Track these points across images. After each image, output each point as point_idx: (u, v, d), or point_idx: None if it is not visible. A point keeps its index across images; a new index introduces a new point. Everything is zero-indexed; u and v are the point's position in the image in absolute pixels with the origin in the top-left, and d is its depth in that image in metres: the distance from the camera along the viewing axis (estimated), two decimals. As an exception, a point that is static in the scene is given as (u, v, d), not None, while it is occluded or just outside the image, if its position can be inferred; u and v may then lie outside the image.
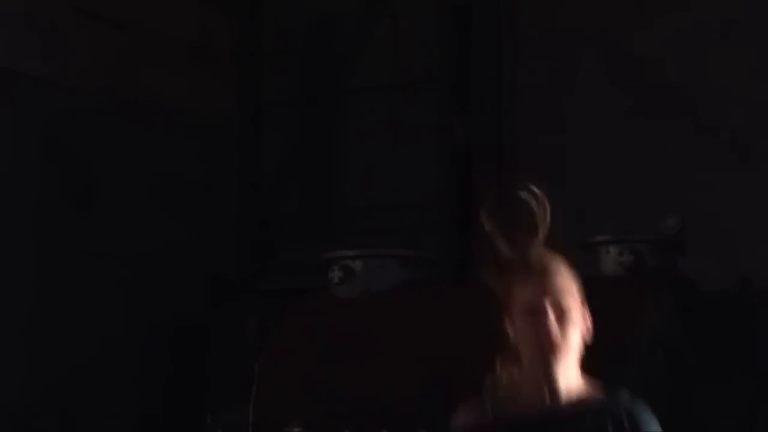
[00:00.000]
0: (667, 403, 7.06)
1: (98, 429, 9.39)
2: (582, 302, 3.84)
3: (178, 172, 10.18)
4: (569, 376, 3.81)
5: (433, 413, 7.54)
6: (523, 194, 3.88)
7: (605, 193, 9.60)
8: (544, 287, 3.80)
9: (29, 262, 9.32)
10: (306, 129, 11.28)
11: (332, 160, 11.20)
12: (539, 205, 3.88)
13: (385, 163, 10.86)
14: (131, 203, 9.90)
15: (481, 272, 4.01)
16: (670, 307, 7.44)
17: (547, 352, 3.75)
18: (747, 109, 9.61)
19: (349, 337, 7.93)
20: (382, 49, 11.13)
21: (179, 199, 10.16)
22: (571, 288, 3.83)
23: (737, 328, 7.60)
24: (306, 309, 8.37)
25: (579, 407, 3.81)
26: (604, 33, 10.29)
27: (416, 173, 10.76)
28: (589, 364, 3.88)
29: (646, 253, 7.64)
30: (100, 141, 9.77)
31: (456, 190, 10.72)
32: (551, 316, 3.76)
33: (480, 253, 4.05)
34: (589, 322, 3.86)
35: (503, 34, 10.84)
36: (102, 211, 9.76)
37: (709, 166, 9.52)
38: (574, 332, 3.81)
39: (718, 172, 9.45)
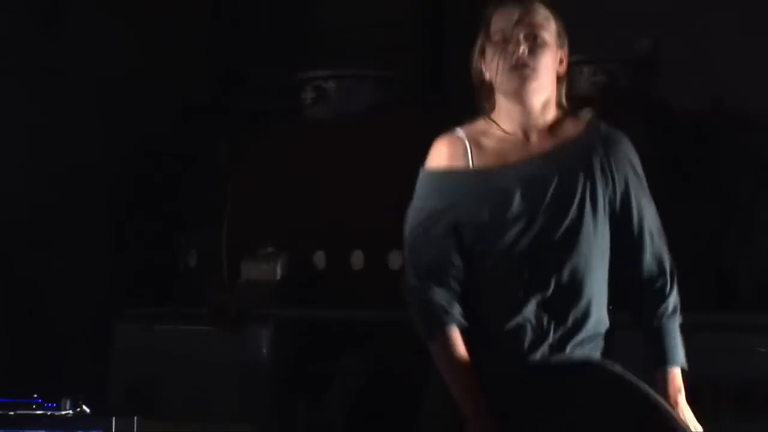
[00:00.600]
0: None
1: (70, 251, 9.47)
2: (561, 42, 3.99)
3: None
4: (545, 106, 3.97)
5: (399, 237, 7.69)
6: None
7: (576, 12, 9.61)
8: (519, 19, 3.91)
9: (3, 84, 9.30)
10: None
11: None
12: None
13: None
14: (100, 23, 9.87)
15: None
16: (642, 128, 7.51)
17: (518, 76, 3.88)
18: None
19: (322, 158, 7.99)
20: None
21: (149, 19, 10.11)
22: (548, 21, 3.97)
23: (709, 149, 7.69)
24: (278, 130, 8.41)
25: (556, 140, 3.96)
26: None
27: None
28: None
29: (619, 73, 7.70)
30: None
31: (429, 8, 10.71)
32: (522, 43, 3.89)
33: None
34: (565, 60, 4.03)
35: None
36: (71, 31, 9.73)
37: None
38: (546, 61, 3.93)
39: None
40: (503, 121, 3.96)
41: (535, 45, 3.87)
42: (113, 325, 8.00)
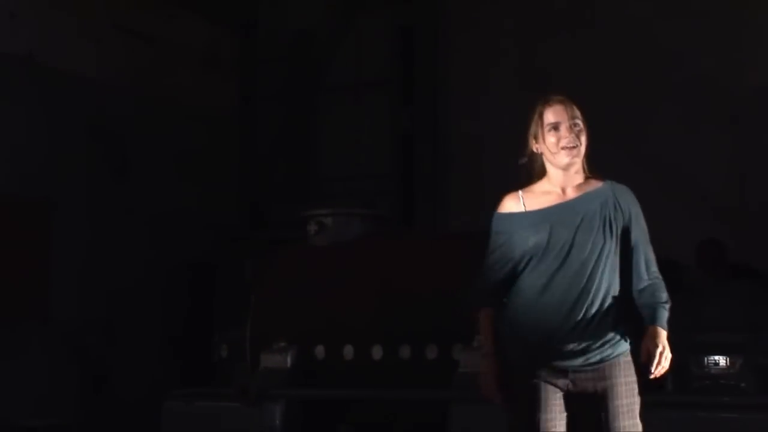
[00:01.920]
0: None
1: (133, 344, 9.37)
2: (586, 126, 4.25)
3: (192, 150, 10.16)
4: (579, 173, 4.26)
5: (384, 332, 7.58)
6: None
7: (514, 165, 9.57)
8: (564, 112, 4.26)
9: (82, 218, 9.30)
10: (289, 117, 11.24)
11: (309, 141, 11.17)
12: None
13: (350, 144, 10.85)
14: (157, 173, 9.87)
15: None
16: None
17: (567, 154, 4.20)
18: (620, 104, 9.63)
19: (322, 275, 7.90)
20: (348, 57, 11.11)
21: (193, 170, 10.11)
22: (580, 115, 4.27)
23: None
24: (289, 253, 8.35)
25: (583, 191, 4.24)
26: (516, 47, 10.27)
27: (373, 151, 10.76)
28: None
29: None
30: (133, 127, 9.74)
31: (403, 164, 10.73)
32: (570, 132, 4.21)
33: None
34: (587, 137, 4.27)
35: (440, 47, 10.83)
36: (135, 180, 9.73)
37: (590, 145, 9.51)
38: (583, 141, 4.23)
39: (596, 149, 9.43)
40: (549, 181, 4.27)
41: (577, 132, 4.21)
42: (163, 402, 7.86)
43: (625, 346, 4.22)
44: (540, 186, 4.29)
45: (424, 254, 7.87)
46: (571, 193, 4.23)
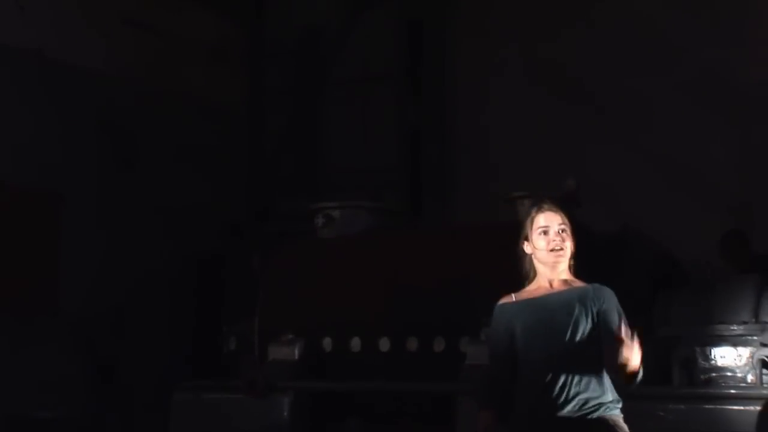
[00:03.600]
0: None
1: (143, 336, 9.40)
2: (573, 232, 4.75)
3: (201, 143, 10.16)
4: (564, 270, 4.74)
5: (391, 324, 7.59)
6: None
7: (521, 160, 9.59)
8: (554, 218, 4.74)
9: (91, 211, 9.30)
10: (297, 111, 11.24)
11: (317, 135, 11.18)
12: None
13: (358, 138, 10.86)
14: (166, 166, 9.88)
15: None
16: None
17: (555, 255, 4.69)
18: (625, 96, 9.64)
19: (329, 268, 7.93)
20: (356, 51, 11.11)
21: (202, 164, 10.12)
22: (567, 222, 4.75)
23: (618, 261, 7.60)
24: (297, 246, 8.37)
25: (568, 286, 4.73)
26: (522, 40, 10.27)
27: (381, 145, 10.76)
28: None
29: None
30: (142, 120, 9.74)
31: (411, 157, 10.73)
32: (558, 236, 4.70)
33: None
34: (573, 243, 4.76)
35: (447, 41, 10.84)
36: (143, 173, 9.74)
37: (597, 138, 9.54)
38: (569, 245, 4.73)
39: (605, 144, 9.47)
40: (538, 280, 4.79)
41: (564, 236, 4.72)
42: (172, 394, 7.89)
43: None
44: (530, 286, 4.80)
45: (431, 247, 7.88)
46: (557, 286, 4.72)
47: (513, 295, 4.82)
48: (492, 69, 10.42)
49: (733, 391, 6.39)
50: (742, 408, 6.15)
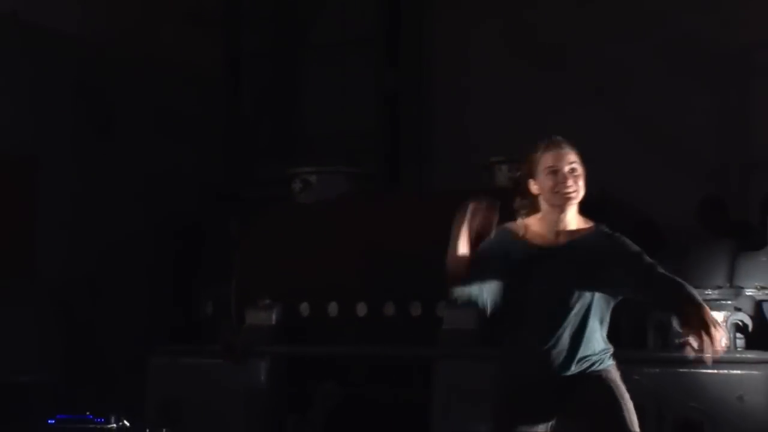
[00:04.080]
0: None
1: (120, 301, 9.39)
2: (584, 170, 4.36)
3: (178, 108, 10.10)
4: (574, 215, 4.38)
5: (368, 289, 7.61)
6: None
7: (499, 125, 9.59)
8: (563, 157, 4.35)
9: (68, 176, 9.25)
10: (275, 76, 11.20)
11: (295, 100, 11.14)
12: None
13: (335, 102, 10.83)
14: (143, 131, 9.83)
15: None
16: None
17: (564, 196, 4.31)
18: (603, 62, 9.63)
19: (307, 233, 7.94)
20: (333, 16, 11.07)
21: (179, 128, 10.08)
22: (579, 160, 4.36)
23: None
24: (274, 211, 8.37)
25: (577, 234, 4.38)
26: (501, 5, 10.25)
27: (358, 110, 10.72)
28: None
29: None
30: (118, 84, 9.68)
31: (389, 122, 10.72)
32: (569, 176, 4.32)
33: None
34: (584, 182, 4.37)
35: (425, 4, 10.80)
36: (120, 137, 9.69)
37: (575, 103, 9.54)
38: (581, 186, 4.34)
39: (583, 109, 9.47)
40: (544, 222, 4.41)
41: (575, 175, 4.33)
42: (149, 358, 7.90)
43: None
44: (536, 227, 4.42)
45: (408, 212, 7.89)
46: (565, 233, 4.37)
47: (521, 228, 4.42)
48: (470, 33, 10.38)
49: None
50: (715, 372, 6.19)
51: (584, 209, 7.47)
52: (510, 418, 4.42)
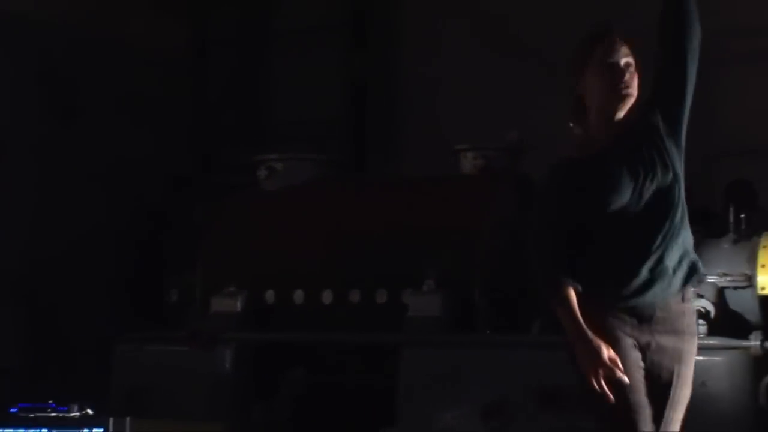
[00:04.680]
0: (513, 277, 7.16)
1: (84, 289, 9.35)
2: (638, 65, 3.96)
3: (144, 93, 10.06)
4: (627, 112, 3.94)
5: (334, 276, 7.63)
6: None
7: (467, 114, 9.62)
8: (618, 49, 3.95)
9: (31, 163, 9.18)
10: (242, 62, 11.18)
11: (261, 86, 11.12)
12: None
13: (302, 89, 10.80)
14: (108, 116, 9.78)
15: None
16: (512, 197, 7.50)
17: (621, 98, 3.91)
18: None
19: (272, 220, 7.96)
20: (301, 1, 11.04)
21: (145, 114, 10.04)
22: (632, 54, 3.99)
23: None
24: (240, 198, 8.38)
25: (628, 128, 3.96)
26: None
27: (326, 96, 10.70)
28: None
29: (493, 157, 7.72)
30: (83, 68, 9.60)
31: (355, 109, 10.73)
32: (625, 72, 3.92)
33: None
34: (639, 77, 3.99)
35: (404, 2, 10.82)
36: (85, 124, 9.63)
37: (543, 93, 9.56)
38: (635, 85, 3.97)
39: (549, 97, 9.49)
40: (597, 127, 3.98)
41: (631, 72, 3.95)
42: (114, 346, 7.91)
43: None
44: (583, 140, 4.02)
45: (374, 200, 7.93)
46: (619, 132, 3.96)
47: (568, 155, 4.01)
48: (440, 21, 10.40)
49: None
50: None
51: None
52: None
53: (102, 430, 5.12)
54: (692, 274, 3.98)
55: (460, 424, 6.79)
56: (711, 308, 6.54)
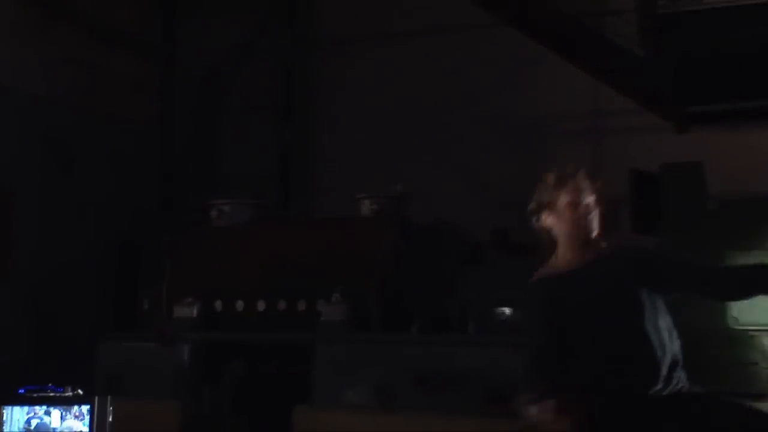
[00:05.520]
0: (398, 292, 7.21)
1: (76, 300, 9.17)
2: (602, 204, 3.22)
3: (124, 153, 9.94)
4: (594, 242, 3.21)
5: (266, 290, 7.57)
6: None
7: (367, 171, 9.65)
8: (581, 187, 3.21)
9: (36, 204, 9.05)
10: (199, 129, 11.10)
11: (213, 147, 11.06)
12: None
13: (244, 151, 10.76)
14: (96, 171, 9.65)
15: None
16: (398, 234, 7.53)
17: (583, 228, 3.16)
18: (441, 126, 9.76)
19: (221, 249, 7.89)
20: (244, 87, 10.99)
21: (124, 169, 9.92)
22: (593, 188, 3.23)
23: (435, 245, 7.73)
24: (197, 232, 8.29)
25: (602, 254, 3.23)
26: (368, 86, 10.35)
27: (262, 157, 10.67)
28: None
29: (384, 203, 7.75)
30: (78, 135, 9.49)
31: (282, 167, 10.74)
32: (590, 211, 3.18)
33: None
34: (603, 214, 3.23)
35: (315, 84, 10.84)
36: (79, 176, 9.50)
37: (421, 154, 9.65)
38: (597, 217, 3.21)
39: (425, 157, 9.59)
40: (565, 254, 3.23)
41: (593, 209, 3.19)
42: (98, 342, 7.75)
43: None
44: (557, 262, 3.25)
45: (296, 234, 7.93)
46: (591, 256, 3.20)
47: (544, 270, 3.26)
48: (345, 103, 10.50)
49: (512, 338, 6.55)
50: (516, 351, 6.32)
51: (424, 232, 7.61)
52: None
53: (89, 406, 5.01)
54: None
55: (359, 400, 6.79)
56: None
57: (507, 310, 6.65)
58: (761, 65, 7.05)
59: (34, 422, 4.96)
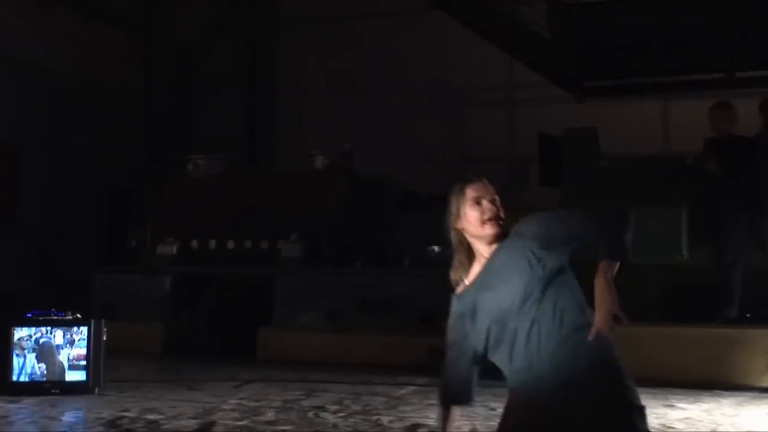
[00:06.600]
0: (346, 233, 7.27)
1: (75, 239, 9.07)
2: (501, 201, 2.85)
3: (115, 114, 9.75)
4: (499, 234, 2.77)
5: (235, 231, 7.58)
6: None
7: (320, 133, 9.59)
8: (484, 189, 2.77)
9: (40, 156, 8.86)
10: (178, 96, 10.86)
11: (191, 111, 10.92)
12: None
13: (217, 115, 10.63)
14: (90, 128, 9.48)
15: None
16: (345, 185, 7.56)
17: (491, 226, 2.75)
18: (387, 94, 9.73)
19: (197, 196, 7.83)
20: (217, 60, 10.82)
21: (115, 128, 9.74)
22: (494, 192, 2.78)
23: (377, 196, 7.79)
24: (176, 182, 8.21)
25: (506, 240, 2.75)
26: (325, 58, 10.27)
27: (233, 119, 10.56)
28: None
29: (336, 159, 7.74)
30: (75, 98, 9.29)
31: (249, 127, 10.63)
32: (491, 206, 2.77)
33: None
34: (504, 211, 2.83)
35: (275, 57, 10.73)
36: (76, 132, 9.32)
37: (368, 119, 9.66)
38: (502, 215, 2.74)
39: (371, 122, 9.60)
40: (478, 257, 2.83)
41: (496, 205, 2.77)
42: (94, 274, 7.70)
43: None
44: (473, 268, 2.82)
45: (261, 184, 7.91)
46: (494, 254, 2.78)
47: (462, 282, 2.83)
48: (305, 74, 10.43)
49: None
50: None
51: (368, 183, 7.66)
52: None
53: (87, 327, 5.02)
54: None
55: (312, 323, 6.87)
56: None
57: (436, 248, 6.77)
58: (643, 49, 7.25)
59: (42, 341, 4.97)
